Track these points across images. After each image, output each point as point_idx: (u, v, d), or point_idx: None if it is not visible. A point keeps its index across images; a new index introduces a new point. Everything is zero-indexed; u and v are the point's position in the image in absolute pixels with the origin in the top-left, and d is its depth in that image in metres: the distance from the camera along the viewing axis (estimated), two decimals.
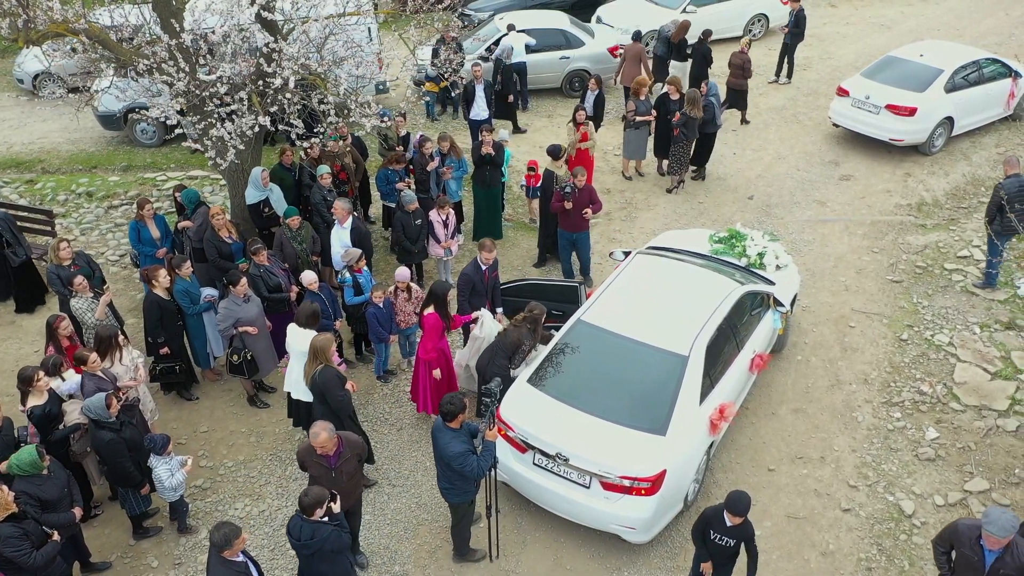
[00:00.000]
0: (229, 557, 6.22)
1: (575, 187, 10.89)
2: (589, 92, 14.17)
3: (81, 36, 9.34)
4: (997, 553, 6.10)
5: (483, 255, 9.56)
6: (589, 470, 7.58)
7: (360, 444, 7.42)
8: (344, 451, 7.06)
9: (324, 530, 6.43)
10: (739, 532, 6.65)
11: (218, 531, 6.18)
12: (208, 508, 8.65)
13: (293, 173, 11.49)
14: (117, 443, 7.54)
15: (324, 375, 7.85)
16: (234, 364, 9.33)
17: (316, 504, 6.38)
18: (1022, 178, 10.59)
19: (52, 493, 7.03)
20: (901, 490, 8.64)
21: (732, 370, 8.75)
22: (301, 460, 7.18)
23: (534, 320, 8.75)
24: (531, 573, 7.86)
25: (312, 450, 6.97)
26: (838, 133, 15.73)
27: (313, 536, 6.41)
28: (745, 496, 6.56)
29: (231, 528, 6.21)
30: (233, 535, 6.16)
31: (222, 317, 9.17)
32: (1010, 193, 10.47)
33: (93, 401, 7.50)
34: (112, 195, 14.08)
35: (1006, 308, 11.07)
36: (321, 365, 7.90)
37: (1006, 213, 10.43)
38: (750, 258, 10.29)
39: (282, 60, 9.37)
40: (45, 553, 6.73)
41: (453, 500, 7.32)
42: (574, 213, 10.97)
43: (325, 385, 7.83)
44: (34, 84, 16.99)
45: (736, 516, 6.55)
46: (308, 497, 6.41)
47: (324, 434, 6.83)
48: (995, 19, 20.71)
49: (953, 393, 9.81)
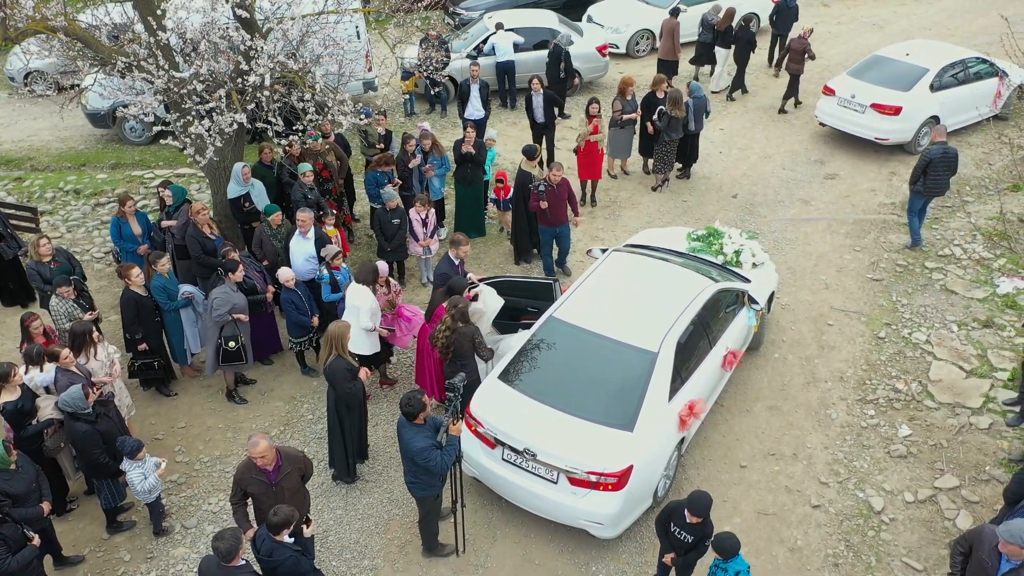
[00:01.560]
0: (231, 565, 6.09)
1: (549, 184, 10.93)
2: (534, 95, 13.86)
3: (59, 34, 9.40)
4: (1014, 565, 6.06)
5: (457, 250, 9.60)
6: (556, 465, 7.62)
7: (302, 459, 7.14)
8: (284, 465, 6.87)
9: (283, 552, 6.32)
10: (697, 530, 6.73)
11: (221, 541, 6.01)
12: (183, 503, 8.71)
13: (273, 170, 11.54)
14: (92, 434, 7.59)
15: (334, 366, 8.01)
16: (230, 351, 9.40)
17: (284, 525, 6.27)
18: (947, 146, 11.68)
19: (20, 487, 7.06)
20: (871, 487, 8.67)
21: (704, 367, 8.77)
22: (239, 479, 6.89)
23: (461, 314, 8.46)
24: (500, 568, 7.90)
25: (251, 466, 6.77)
26: (824, 132, 15.75)
27: (271, 555, 6.32)
28: (706, 497, 6.63)
29: (234, 540, 6.05)
30: (236, 547, 6.02)
31: (220, 303, 9.21)
32: (933, 158, 11.54)
33: (69, 393, 7.53)
34: (99, 193, 14.17)
35: (984, 307, 11.09)
36: (334, 355, 8.02)
37: (928, 177, 11.67)
38: (727, 256, 10.32)
39: (259, 58, 9.43)
40: (22, 558, 6.72)
41: (419, 494, 7.37)
42: (551, 210, 11.01)
43: (334, 376, 8.01)
44: (25, 82, 17.08)
45: (695, 516, 6.62)
46: (277, 516, 6.27)
47: (263, 442, 6.65)
48: (987, 19, 20.68)
49: (928, 391, 9.83)
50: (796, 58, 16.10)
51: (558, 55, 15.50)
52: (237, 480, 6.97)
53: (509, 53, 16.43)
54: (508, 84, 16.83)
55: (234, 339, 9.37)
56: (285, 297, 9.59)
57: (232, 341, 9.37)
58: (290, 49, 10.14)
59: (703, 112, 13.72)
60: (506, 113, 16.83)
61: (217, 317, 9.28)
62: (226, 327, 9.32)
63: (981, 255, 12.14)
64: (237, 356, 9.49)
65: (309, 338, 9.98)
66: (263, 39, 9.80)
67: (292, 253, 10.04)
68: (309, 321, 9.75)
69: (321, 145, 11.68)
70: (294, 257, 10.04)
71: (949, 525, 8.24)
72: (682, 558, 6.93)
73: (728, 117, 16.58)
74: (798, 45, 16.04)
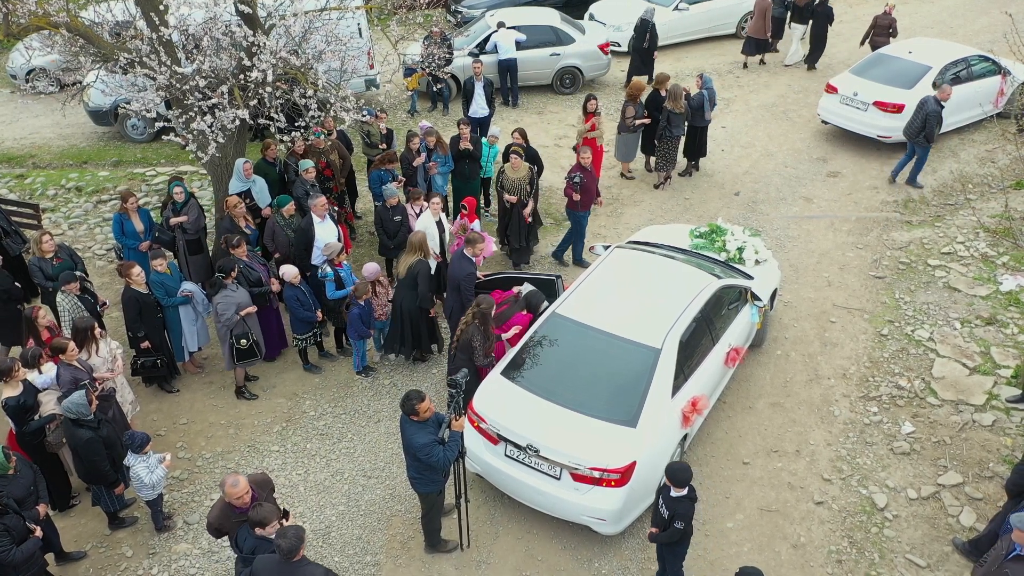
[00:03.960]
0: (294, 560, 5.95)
1: (583, 177, 11.23)
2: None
3: (61, 29, 9.39)
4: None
5: (474, 248, 9.53)
6: (559, 461, 7.61)
7: (267, 482, 6.95)
8: (260, 495, 6.72)
9: (265, 548, 6.29)
10: (675, 505, 6.75)
11: (284, 539, 5.86)
12: (184, 499, 8.70)
13: (277, 167, 11.53)
14: (95, 442, 7.53)
15: (419, 265, 9.61)
16: (242, 349, 9.43)
17: (263, 523, 6.26)
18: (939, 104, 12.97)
19: (18, 492, 7.04)
20: (874, 483, 8.65)
21: (707, 363, 8.76)
22: (217, 527, 6.67)
23: (482, 315, 8.62)
24: (503, 564, 7.89)
25: (227, 510, 6.56)
26: (827, 130, 15.73)
27: (254, 552, 6.31)
28: (683, 467, 6.74)
29: (296, 538, 5.89)
30: (298, 545, 5.89)
31: (223, 308, 9.22)
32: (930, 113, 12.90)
33: (73, 400, 7.43)
34: (101, 190, 14.16)
35: (987, 304, 11.07)
36: (417, 257, 9.60)
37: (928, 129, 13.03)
38: (729, 253, 10.30)
39: (261, 54, 9.42)
40: (25, 549, 6.76)
41: (421, 490, 7.36)
42: (585, 195, 11.33)
43: (419, 272, 9.58)
44: (27, 79, 17.05)
45: (676, 486, 6.68)
46: (257, 514, 6.27)
47: (243, 480, 6.53)
48: (989, 17, 20.65)
49: (931, 388, 9.81)
50: (881, 32, 17.27)
51: (644, 27, 16.18)
52: (216, 528, 6.70)
53: (511, 51, 16.42)
54: (510, 82, 16.82)
55: (245, 337, 9.39)
56: (289, 294, 9.59)
57: (243, 339, 9.39)
58: (292, 45, 10.13)
59: (711, 104, 13.71)
60: (508, 111, 16.82)
61: (225, 322, 9.29)
62: (236, 327, 9.32)
63: (985, 252, 12.12)
64: (251, 353, 9.52)
65: (313, 334, 9.99)
66: (265, 35, 9.79)
67: (318, 239, 10.17)
68: (314, 316, 9.76)
69: (324, 142, 11.67)
70: (319, 243, 10.16)
71: (952, 522, 8.22)
72: (656, 535, 6.99)
73: (731, 115, 16.56)
74: (883, 20, 17.22)
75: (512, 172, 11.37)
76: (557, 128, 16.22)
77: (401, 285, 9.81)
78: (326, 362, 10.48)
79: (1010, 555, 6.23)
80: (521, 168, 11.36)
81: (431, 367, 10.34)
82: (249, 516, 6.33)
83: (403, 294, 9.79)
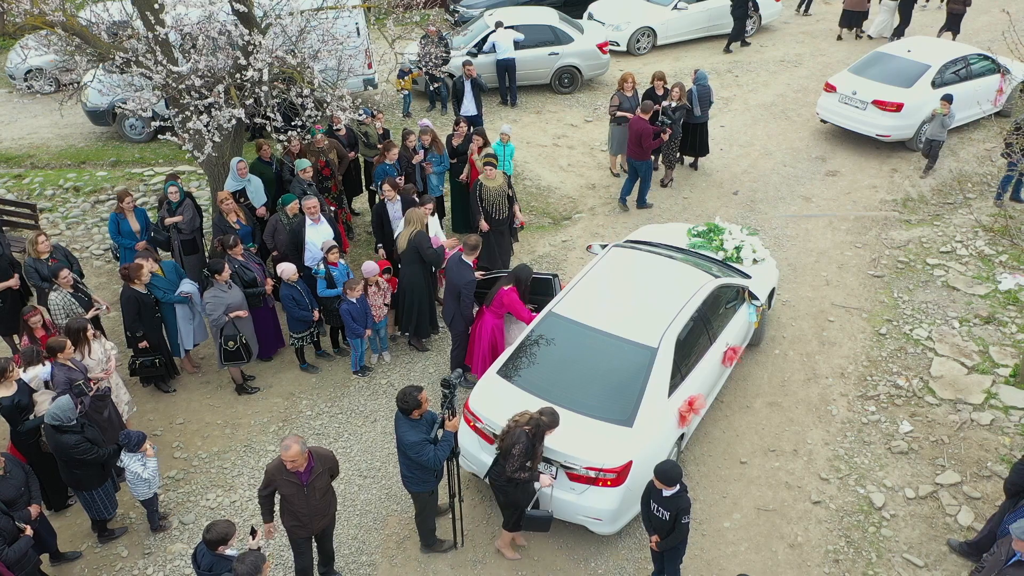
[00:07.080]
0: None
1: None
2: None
3: (57, 29, 9.38)
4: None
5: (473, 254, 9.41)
6: (555, 461, 7.59)
7: (331, 458, 7.05)
8: (316, 466, 6.78)
9: (223, 566, 6.27)
10: (672, 504, 6.68)
11: (242, 564, 5.91)
12: (180, 499, 8.68)
13: (272, 167, 11.51)
14: (83, 442, 7.39)
15: (419, 235, 9.68)
16: (230, 351, 9.41)
17: (220, 541, 6.27)
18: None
19: (9, 493, 7.02)
20: (872, 483, 8.62)
21: (704, 363, 8.73)
22: (270, 479, 6.81)
23: (538, 428, 7.14)
24: (498, 564, 7.86)
25: (282, 467, 6.65)
26: (826, 129, 15.70)
27: (211, 569, 6.30)
28: (672, 465, 6.65)
29: (254, 567, 5.96)
30: (256, 571, 5.94)
31: (212, 307, 9.21)
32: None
33: (58, 405, 7.31)
34: (99, 190, 14.15)
35: (986, 303, 11.03)
36: (416, 228, 9.66)
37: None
38: (727, 252, 10.28)
39: (258, 53, 9.40)
40: (17, 548, 6.72)
41: (414, 489, 7.33)
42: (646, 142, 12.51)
43: (420, 242, 9.66)
44: (25, 79, 17.08)
45: (668, 485, 6.59)
46: (210, 533, 6.25)
47: (296, 447, 6.55)
48: (989, 16, 20.61)
49: (929, 387, 9.78)
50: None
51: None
52: (269, 478, 6.84)
53: (509, 51, 16.40)
54: (509, 81, 16.81)
55: (233, 339, 9.35)
56: (285, 293, 9.57)
57: (231, 341, 9.35)
58: (289, 45, 10.11)
59: (708, 101, 13.66)
60: (507, 110, 16.80)
61: (214, 321, 9.28)
62: (225, 327, 9.30)
63: (983, 251, 12.09)
64: (238, 355, 9.49)
65: (310, 333, 9.97)
66: (262, 34, 9.77)
67: (309, 243, 10.07)
68: (310, 316, 9.73)
69: (322, 142, 11.64)
70: (311, 247, 10.08)
71: (950, 521, 8.19)
72: (664, 540, 6.89)
73: (729, 114, 16.54)
74: None
75: (488, 182, 10.98)
76: (555, 127, 16.21)
77: (404, 260, 9.91)
78: (323, 362, 10.46)
79: (1011, 561, 6.19)
80: (497, 177, 11.01)
81: (428, 367, 10.32)
82: (204, 536, 6.35)
83: (406, 270, 9.92)
